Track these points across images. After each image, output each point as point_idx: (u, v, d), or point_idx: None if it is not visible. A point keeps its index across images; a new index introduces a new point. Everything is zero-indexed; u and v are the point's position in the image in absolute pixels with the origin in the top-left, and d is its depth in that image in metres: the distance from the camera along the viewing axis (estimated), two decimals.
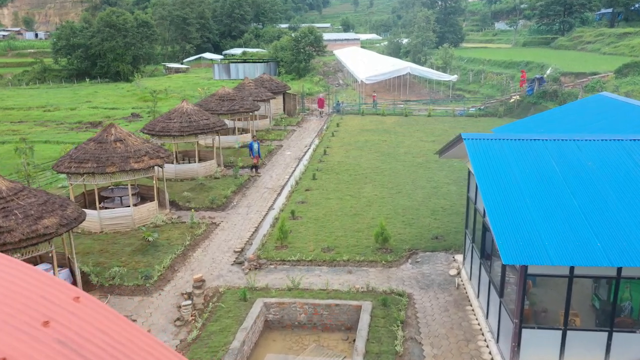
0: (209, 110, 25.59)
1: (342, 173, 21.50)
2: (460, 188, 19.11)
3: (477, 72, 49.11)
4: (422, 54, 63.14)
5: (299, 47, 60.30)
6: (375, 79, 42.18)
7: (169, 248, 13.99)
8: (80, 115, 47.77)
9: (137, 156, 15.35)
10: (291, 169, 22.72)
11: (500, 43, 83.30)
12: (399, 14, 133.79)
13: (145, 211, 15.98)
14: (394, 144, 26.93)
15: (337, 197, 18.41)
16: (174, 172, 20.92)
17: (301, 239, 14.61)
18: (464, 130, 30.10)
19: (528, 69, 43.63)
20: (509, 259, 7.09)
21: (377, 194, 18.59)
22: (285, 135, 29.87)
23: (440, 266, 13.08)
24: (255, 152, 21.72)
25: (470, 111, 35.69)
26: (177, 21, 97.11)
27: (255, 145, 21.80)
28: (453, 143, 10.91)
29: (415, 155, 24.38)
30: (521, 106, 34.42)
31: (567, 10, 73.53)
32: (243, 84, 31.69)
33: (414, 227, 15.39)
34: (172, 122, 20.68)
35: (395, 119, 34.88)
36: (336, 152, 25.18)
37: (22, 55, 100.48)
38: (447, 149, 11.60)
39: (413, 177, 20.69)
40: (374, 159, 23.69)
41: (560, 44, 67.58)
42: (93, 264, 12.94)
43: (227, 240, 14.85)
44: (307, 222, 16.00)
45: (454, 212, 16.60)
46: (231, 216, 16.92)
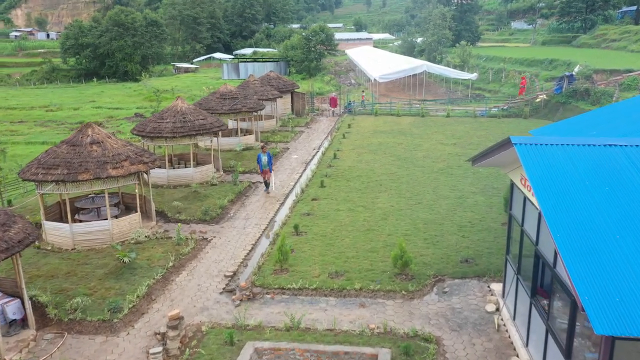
0: (208, 110, 23.51)
1: (353, 180, 19.19)
2: (488, 199, 16.69)
3: (497, 70, 46.39)
4: (437, 52, 60.53)
5: (310, 45, 58.14)
6: (390, 77, 39.78)
7: (148, 271, 11.83)
8: (83, 115, 46.25)
9: (115, 161, 13.24)
10: (297, 175, 20.48)
11: (517, 42, 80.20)
12: (412, 14, 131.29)
13: (126, 225, 13.86)
14: (410, 147, 24.53)
15: (347, 208, 16.11)
16: (167, 178, 18.82)
17: (305, 261, 12.34)
18: (487, 132, 27.60)
19: (552, 66, 40.89)
20: (604, 327, 4.75)
21: (393, 205, 16.24)
22: (292, 137, 27.65)
23: (473, 298, 10.70)
24: (265, 166, 17.97)
25: (493, 111, 33.08)
26: (188, 21, 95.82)
27: (265, 157, 17.89)
28: (496, 149, 8.55)
29: (435, 159, 21.96)
30: (548, 106, 31.74)
31: (589, 7, 70.33)
32: (247, 81, 29.58)
33: (439, 247, 13.01)
34: (165, 122, 18.58)
35: (411, 119, 32.45)
36: (347, 156, 22.88)
37: (32, 55, 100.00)
38: (486, 155, 9.24)
39: (434, 185, 18.30)
40: (389, 164, 21.34)
41: (582, 42, 64.45)
42: (55, 290, 10.83)
43: (217, 261, 12.64)
44: (313, 239, 13.73)
45: (485, 228, 14.19)
46: (226, 230, 14.71)
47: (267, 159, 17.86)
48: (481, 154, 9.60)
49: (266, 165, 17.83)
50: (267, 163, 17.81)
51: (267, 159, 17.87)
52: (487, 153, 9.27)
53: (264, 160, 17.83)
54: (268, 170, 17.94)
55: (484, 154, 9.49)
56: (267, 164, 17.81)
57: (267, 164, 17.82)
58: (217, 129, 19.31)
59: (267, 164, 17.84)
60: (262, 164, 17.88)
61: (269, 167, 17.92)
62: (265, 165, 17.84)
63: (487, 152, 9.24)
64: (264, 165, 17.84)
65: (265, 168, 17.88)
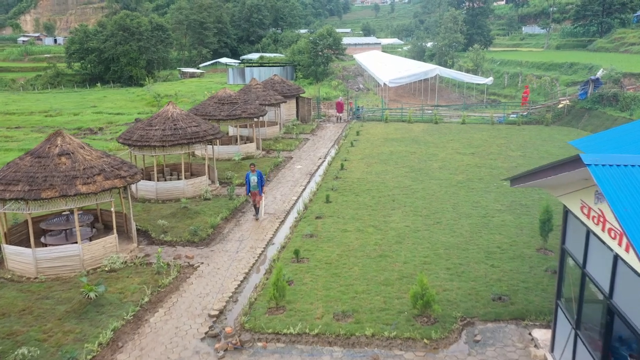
0: (205, 116, 21.73)
1: (362, 194, 17.20)
2: (517, 218, 14.61)
3: (513, 75, 44.25)
4: (449, 56, 58.54)
5: (317, 49, 56.39)
6: (400, 81, 37.83)
7: (118, 308, 9.92)
8: (82, 120, 44.86)
9: (86, 176, 11.39)
10: (300, 188, 18.53)
11: (530, 47, 78.05)
12: (421, 19, 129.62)
13: (100, 249, 11.99)
14: (425, 156, 22.50)
15: (356, 228, 14.12)
16: (155, 191, 16.97)
17: (305, 296, 10.36)
18: (507, 140, 25.50)
19: (572, 70, 38.72)
20: None
21: (409, 225, 14.22)
22: (296, 144, 25.75)
23: (512, 350, 8.64)
24: (254, 188, 15.21)
25: (511, 118, 30.97)
26: (194, 25, 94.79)
27: (254, 177, 15.18)
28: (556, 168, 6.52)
29: (453, 171, 19.91)
30: (572, 112, 29.55)
31: (605, 10, 68.08)
32: (249, 86, 27.78)
33: (465, 279, 10.97)
34: (153, 129, 16.76)
35: (423, 126, 30.43)
36: (356, 167, 20.91)
37: (38, 60, 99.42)
38: (536, 175, 7.22)
39: (453, 201, 16.25)
40: (402, 176, 19.33)
41: (599, 46, 62.22)
42: (2, 335, 8.96)
43: (202, 295, 10.69)
44: (316, 266, 11.75)
45: (517, 255, 12.11)
46: (216, 255, 12.78)
47: (257, 180, 15.20)
48: (528, 174, 7.58)
49: (256, 186, 15.20)
50: (256, 184, 15.21)
51: (257, 179, 15.20)
52: (537, 173, 7.25)
53: (253, 180, 15.24)
54: (258, 192, 15.24)
55: (532, 173, 7.46)
56: (256, 185, 15.21)
57: (256, 186, 15.21)
58: (212, 137, 17.45)
59: (257, 186, 15.21)
60: (250, 184, 15.30)
61: (259, 189, 15.21)
62: (255, 187, 15.21)
63: (537, 171, 7.21)
64: (253, 186, 15.23)
65: (254, 190, 15.25)
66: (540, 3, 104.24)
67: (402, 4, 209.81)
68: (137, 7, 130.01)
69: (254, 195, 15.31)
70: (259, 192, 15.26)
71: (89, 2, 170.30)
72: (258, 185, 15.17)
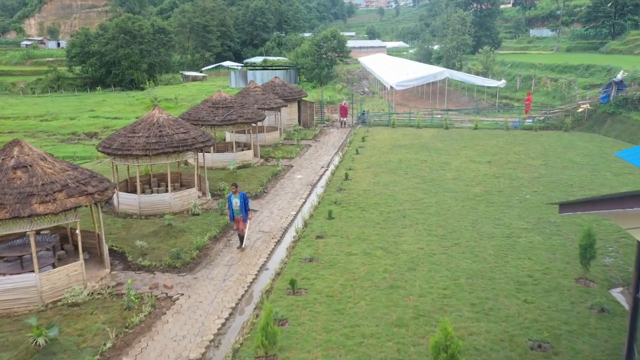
0: (198, 121, 20.04)
1: (369, 209, 15.38)
2: (547, 239, 12.75)
3: (525, 77, 42.35)
4: (457, 59, 56.72)
5: (321, 52, 54.75)
6: (408, 84, 36.07)
7: (73, 356, 8.16)
8: (78, 125, 43.51)
9: (45, 193, 9.66)
10: (300, 201, 16.74)
11: (538, 50, 76.18)
12: (427, 22, 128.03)
13: (63, 278, 10.24)
14: (437, 165, 20.66)
15: (362, 250, 12.31)
16: (138, 205, 15.23)
17: (302, 341, 8.56)
18: (525, 147, 23.62)
19: (589, 73, 36.81)
20: None
21: (422, 248, 12.39)
22: (297, 152, 23.99)
23: None
24: (237, 213, 12.78)
25: (527, 123, 29.08)
26: (198, 29, 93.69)
27: (236, 200, 12.74)
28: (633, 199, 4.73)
29: (469, 182, 18.06)
30: (594, 117, 27.62)
31: (618, 12, 66.15)
32: (248, 88, 26.09)
33: (494, 319, 9.12)
34: (136, 136, 15.05)
35: (433, 131, 28.60)
36: (361, 177, 19.11)
37: (39, 64, 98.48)
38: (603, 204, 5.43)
39: (472, 218, 14.40)
40: (412, 188, 17.50)
41: (612, 49, 60.32)
42: None
43: (178, 339, 8.90)
44: (315, 300, 9.94)
45: (554, 287, 10.25)
46: (199, 284, 11.00)
47: (240, 204, 12.73)
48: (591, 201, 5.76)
49: (239, 211, 12.77)
50: (239, 209, 12.79)
51: (240, 203, 12.72)
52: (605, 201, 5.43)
53: (236, 204, 12.77)
54: (241, 219, 12.81)
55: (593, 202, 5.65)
56: (239, 210, 12.79)
57: (239, 211, 12.79)
58: (202, 145, 15.72)
59: (240, 211, 12.80)
60: (233, 209, 12.82)
61: (242, 215, 12.79)
62: (238, 212, 12.77)
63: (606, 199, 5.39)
64: (236, 211, 12.78)
65: (237, 215, 12.81)
66: (547, 5, 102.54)
67: (407, 8, 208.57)
68: (142, 10, 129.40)
69: (237, 222, 12.85)
70: (242, 219, 12.80)
71: (93, 6, 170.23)
72: (241, 210, 12.75)
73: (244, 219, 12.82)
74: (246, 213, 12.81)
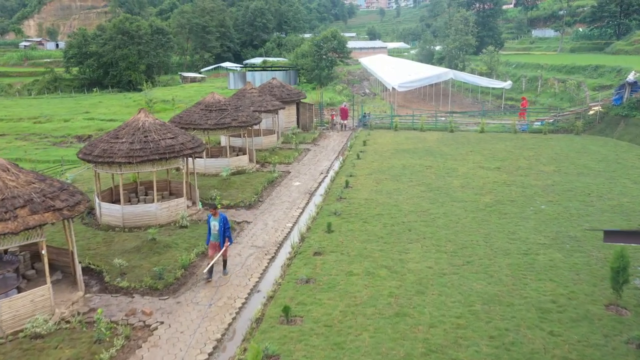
0: (190, 125, 18.90)
1: (371, 220, 14.21)
2: (568, 256, 11.55)
3: (531, 78, 41.16)
4: (459, 60, 55.53)
5: (321, 52, 53.59)
6: (411, 86, 34.90)
7: None
8: (72, 127, 42.45)
9: (5, 209, 8.50)
10: (297, 211, 15.56)
11: (540, 50, 75.06)
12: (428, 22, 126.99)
13: (28, 304, 9.06)
14: (442, 171, 19.48)
15: (364, 270, 11.12)
16: (121, 217, 14.06)
17: None
18: (535, 152, 22.40)
19: (598, 74, 35.62)
20: None
21: (431, 266, 11.20)
22: (295, 156, 22.83)
23: None
24: (215, 238, 11.03)
25: (535, 126, 27.89)
26: (197, 29, 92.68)
27: (215, 223, 10.97)
28: None
29: (478, 190, 16.87)
30: (605, 119, 26.42)
31: (623, 12, 65.02)
32: (244, 90, 24.94)
33: (516, 356, 7.92)
34: (119, 142, 13.90)
35: (437, 135, 27.43)
36: (363, 184, 17.93)
37: (37, 65, 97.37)
38: None
39: (484, 232, 13.22)
40: (418, 197, 16.31)
41: (618, 49, 59.19)
42: None
43: None
44: (312, 331, 8.76)
45: (583, 316, 9.05)
46: (182, 309, 9.82)
47: (220, 228, 10.91)
48: None
49: (217, 236, 10.99)
50: (218, 234, 10.99)
51: (220, 227, 10.90)
52: None
53: (214, 227, 10.97)
54: (218, 245, 11.04)
55: None
56: (218, 234, 11.00)
57: (218, 236, 11.00)
58: (191, 151, 14.55)
59: (219, 236, 10.99)
60: (211, 232, 11.06)
61: (220, 241, 10.99)
62: (216, 237, 11.02)
63: None
64: (214, 236, 11.01)
65: (215, 240, 11.04)
66: (549, 6, 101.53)
67: (408, 8, 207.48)
68: (141, 11, 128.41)
69: (213, 247, 11.06)
70: (219, 244, 10.98)
71: (92, 7, 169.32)
72: (220, 235, 10.94)
73: (221, 244, 10.99)
74: (224, 239, 10.95)
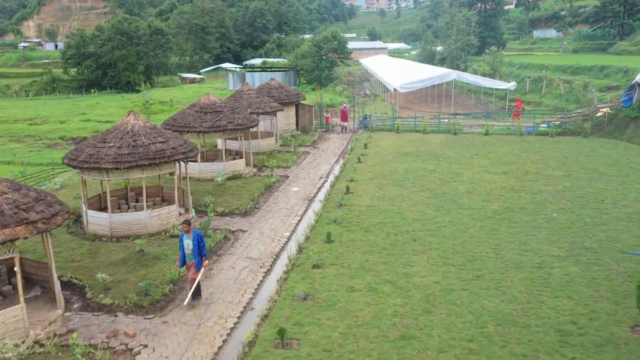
0: (184, 127, 18.14)
1: (373, 229, 13.41)
2: (586, 270, 10.76)
3: (535, 79, 40.37)
4: (461, 60, 54.76)
5: (321, 53, 52.84)
6: (413, 86, 34.12)
7: None
8: (67, 129, 41.76)
9: None
10: (295, 219, 14.78)
11: (543, 51, 74.41)
12: (428, 23, 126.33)
13: None
14: (447, 176, 18.69)
15: (367, 285, 10.33)
16: (109, 225, 13.28)
17: None
18: (543, 155, 21.62)
19: (604, 74, 34.86)
20: None
21: (438, 281, 10.40)
22: (294, 160, 22.05)
23: None
24: (189, 258, 9.79)
25: (542, 128, 27.10)
26: (196, 30, 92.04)
27: (188, 241, 9.75)
28: None
29: (485, 197, 16.07)
30: (614, 121, 25.63)
31: (627, 11, 64.34)
32: (241, 91, 24.16)
33: None
34: (107, 147, 13.12)
35: (441, 137, 26.64)
36: (364, 190, 17.14)
37: (35, 66, 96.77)
38: None
39: (494, 242, 12.42)
40: (422, 203, 15.52)
41: (622, 49, 58.54)
42: None
43: None
44: (309, 357, 7.95)
45: (607, 340, 8.24)
46: (169, 330, 9.02)
47: (194, 247, 9.66)
48: None
49: (192, 256, 9.74)
50: (192, 253, 9.74)
51: (194, 246, 9.66)
52: None
53: (188, 246, 9.73)
54: (193, 266, 9.77)
55: None
56: (192, 254, 9.74)
57: (192, 255, 9.75)
58: (182, 156, 13.78)
59: (193, 256, 9.72)
60: (184, 252, 9.77)
61: (195, 261, 9.73)
62: (191, 257, 9.76)
63: None
64: (188, 256, 9.77)
65: (189, 261, 9.79)
66: (551, 6, 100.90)
67: (408, 9, 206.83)
68: (141, 12, 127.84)
69: (189, 269, 9.85)
70: (195, 266, 9.71)
71: (92, 7, 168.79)
72: (194, 255, 9.68)
73: (196, 266, 9.74)
74: (200, 259, 9.73)
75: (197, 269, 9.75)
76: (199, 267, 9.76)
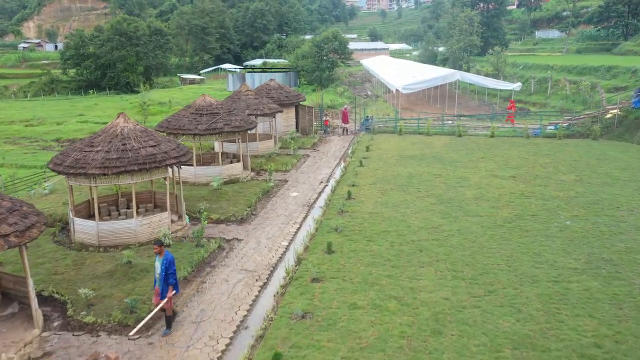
0: (178, 130, 17.41)
1: (377, 239, 12.65)
2: (606, 284, 9.99)
3: (540, 80, 39.59)
4: (464, 60, 54.01)
5: (322, 54, 52.10)
6: (415, 87, 33.35)
7: None
8: (64, 131, 41.09)
9: None
10: (294, 227, 14.02)
11: (545, 51, 73.66)
12: (430, 24, 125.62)
13: None
14: (453, 181, 17.92)
15: (370, 301, 9.56)
16: (96, 234, 12.53)
17: None
18: (552, 158, 20.83)
19: (612, 75, 34.10)
20: None
21: (448, 297, 9.63)
22: (293, 163, 21.29)
23: None
24: (159, 282, 8.76)
25: (549, 130, 26.32)
26: (196, 31, 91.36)
27: (158, 264, 8.77)
28: None
29: (494, 203, 15.29)
30: (624, 123, 24.85)
31: (631, 12, 63.64)
32: (239, 92, 23.43)
33: None
34: (94, 151, 12.37)
35: (445, 139, 25.86)
36: (366, 195, 16.37)
37: (35, 67, 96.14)
38: None
39: (506, 253, 11.65)
40: (428, 210, 14.75)
41: (626, 49, 57.75)
42: None
43: None
44: None
45: None
46: (155, 353, 8.25)
47: (161, 272, 8.69)
48: None
49: (162, 281, 8.73)
50: (160, 277, 8.73)
51: (161, 271, 8.68)
52: None
53: (156, 271, 8.85)
54: (158, 292, 8.79)
55: None
56: (160, 278, 8.74)
57: (162, 280, 8.70)
58: (175, 160, 13.03)
59: (161, 280, 8.72)
60: (158, 277, 8.80)
61: (160, 288, 8.74)
62: (161, 282, 8.76)
63: None
64: (157, 279, 8.85)
65: (157, 286, 8.85)
66: (553, 7, 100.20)
67: (409, 10, 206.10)
68: (141, 13, 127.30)
69: (155, 294, 8.83)
70: (159, 292, 8.72)
71: (92, 8, 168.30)
72: (162, 280, 8.66)
73: (161, 293, 8.70)
74: (166, 287, 8.66)
75: (162, 297, 8.69)
76: (163, 295, 8.68)
